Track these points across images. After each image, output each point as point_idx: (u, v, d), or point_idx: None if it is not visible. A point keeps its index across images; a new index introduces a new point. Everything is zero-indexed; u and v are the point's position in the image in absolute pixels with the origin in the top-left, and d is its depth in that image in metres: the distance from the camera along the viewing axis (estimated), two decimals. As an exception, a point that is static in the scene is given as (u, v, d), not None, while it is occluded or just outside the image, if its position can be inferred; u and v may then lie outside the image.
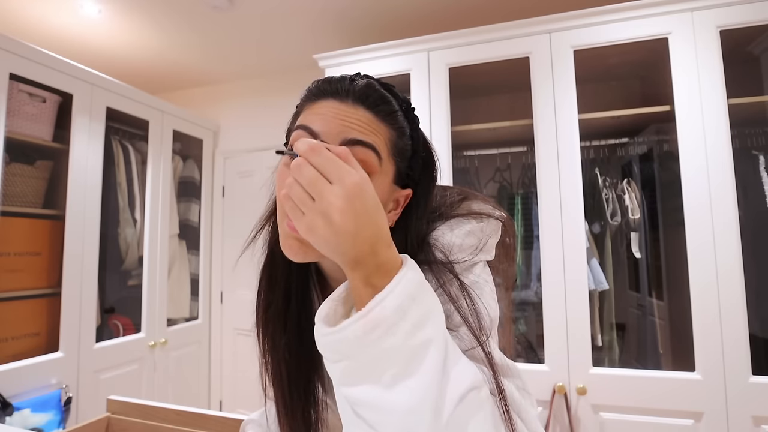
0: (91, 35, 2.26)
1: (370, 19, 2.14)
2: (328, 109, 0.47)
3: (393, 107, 0.50)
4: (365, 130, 0.47)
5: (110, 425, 0.90)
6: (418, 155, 0.53)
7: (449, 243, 0.50)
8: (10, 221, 1.73)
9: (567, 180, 1.58)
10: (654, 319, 1.77)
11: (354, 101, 0.48)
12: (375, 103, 0.48)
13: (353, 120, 0.46)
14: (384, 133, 0.48)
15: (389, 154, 0.49)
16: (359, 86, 0.48)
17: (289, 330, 0.55)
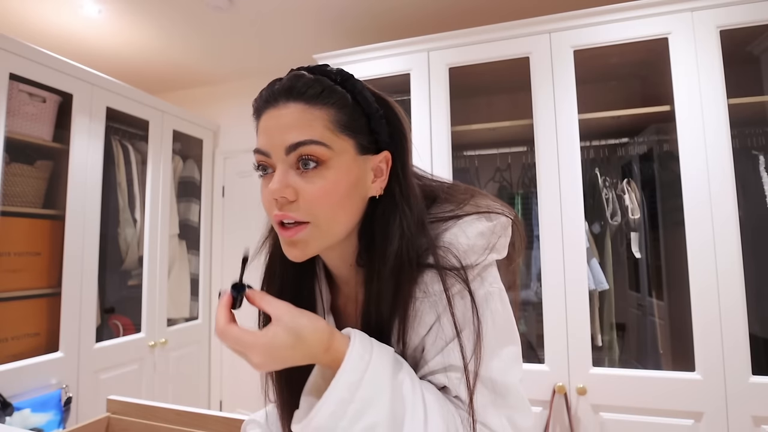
0: (91, 35, 2.26)
1: (369, 19, 2.14)
2: (267, 121, 0.49)
3: (321, 86, 0.49)
4: (299, 124, 0.47)
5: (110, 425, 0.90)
6: (375, 116, 0.52)
7: (464, 247, 0.50)
8: (10, 221, 1.73)
9: (567, 180, 1.58)
10: (654, 319, 1.77)
11: (284, 100, 0.48)
12: (301, 91, 0.48)
13: (287, 120, 0.47)
14: (322, 116, 0.48)
15: (337, 133, 0.48)
16: (284, 83, 0.49)
17: None
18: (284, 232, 0.49)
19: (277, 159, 0.48)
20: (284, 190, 0.47)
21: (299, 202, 0.47)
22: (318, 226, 0.49)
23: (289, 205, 0.48)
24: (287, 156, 0.47)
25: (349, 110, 0.50)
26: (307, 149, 0.47)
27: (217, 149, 2.89)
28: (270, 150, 0.48)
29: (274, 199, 0.48)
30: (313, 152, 0.47)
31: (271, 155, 0.49)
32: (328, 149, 0.48)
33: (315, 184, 0.47)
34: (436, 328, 0.51)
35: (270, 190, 0.47)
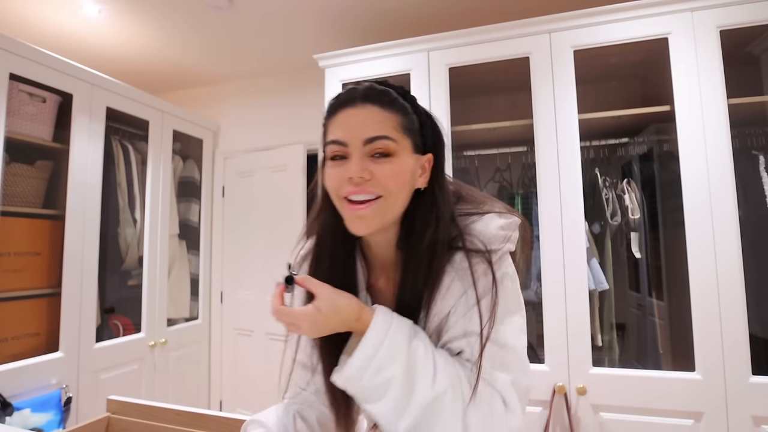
0: (91, 35, 2.27)
1: (370, 19, 2.14)
2: (345, 117, 0.61)
3: (392, 96, 0.62)
4: (376, 122, 0.59)
5: (110, 425, 0.90)
6: (426, 125, 0.65)
7: (488, 236, 0.62)
8: (10, 221, 1.73)
9: (567, 180, 1.58)
10: (654, 319, 1.77)
11: (362, 102, 0.60)
12: (378, 98, 0.61)
13: (366, 118, 0.59)
14: (392, 118, 0.60)
15: (401, 133, 0.61)
16: (362, 89, 0.61)
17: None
18: (354, 207, 0.59)
19: (354, 148, 0.59)
20: (363, 171, 0.58)
21: (373, 181, 0.58)
22: (386, 200, 0.59)
23: (364, 183, 0.58)
24: (364, 147, 0.59)
25: (409, 117, 0.62)
26: (381, 143, 0.59)
27: (217, 149, 2.89)
28: (348, 140, 0.59)
29: (350, 178, 0.58)
30: (385, 145, 0.59)
31: (348, 145, 0.59)
32: (396, 144, 0.59)
33: (386, 167, 0.59)
34: (463, 299, 0.62)
35: (350, 171, 0.58)
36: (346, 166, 0.59)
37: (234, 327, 2.69)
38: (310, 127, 2.65)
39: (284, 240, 2.49)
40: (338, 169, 0.60)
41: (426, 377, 0.56)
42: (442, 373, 0.57)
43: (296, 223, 2.45)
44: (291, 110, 2.74)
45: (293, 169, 2.50)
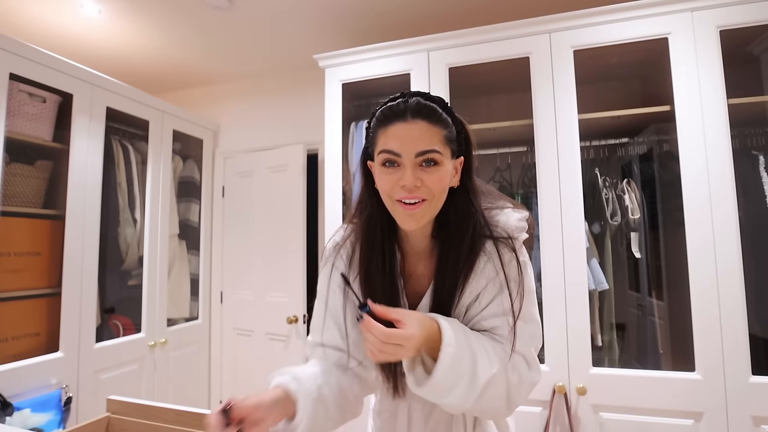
0: (91, 35, 2.27)
1: (370, 20, 2.14)
2: (398, 131, 0.69)
3: (438, 111, 0.70)
4: (427, 138, 0.68)
5: (110, 425, 0.90)
6: (461, 134, 0.74)
7: (511, 227, 0.75)
8: (10, 221, 1.73)
9: (567, 180, 1.58)
10: (654, 319, 1.77)
11: (412, 117, 0.68)
12: (427, 114, 0.69)
13: (418, 134, 0.68)
14: (438, 132, 0.69)
15: (445, 144, 0.70)
16: (412, 105, 0.69)
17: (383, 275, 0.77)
18: (407, 207, 0.69)
19: (407, 159, 0.68)
20: (416, 180, 0.68)
21: (423, 188, 0.68)
22: (431, 202, 0.70)
23: (416, 189, 0.68)
24: (416, 158, 0.68)
25: (450, 129, 0.71)
26: (431, 155, 0.68)
27: (217, 149, 2.89)
28: (402, 153, 0.68)
29: (403, 186, 0.68)
30: (433, 157, 0.68)
31: (402, 156, 0.68)
32: (441, 155, 0.68)
33: (433, 175, 0.68)
34: (493, 281, 0.73)
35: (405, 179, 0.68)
36: (400, 174, 0.68)
37: (234, 327, 2.69)
38: (310, 127, 2.64)
39: (284, 240, 2.49)
40: (392, 176, 0.69)
41: (484, 364, 0.67)
42: (493, 356, 0.68)
43: (296, 223, 2.45)
44: (291, 110, 2.74)
45: (293, 169, 2.50)
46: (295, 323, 2.40)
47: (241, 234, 2.71)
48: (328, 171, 1.95)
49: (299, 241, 2.43)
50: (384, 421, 0.87)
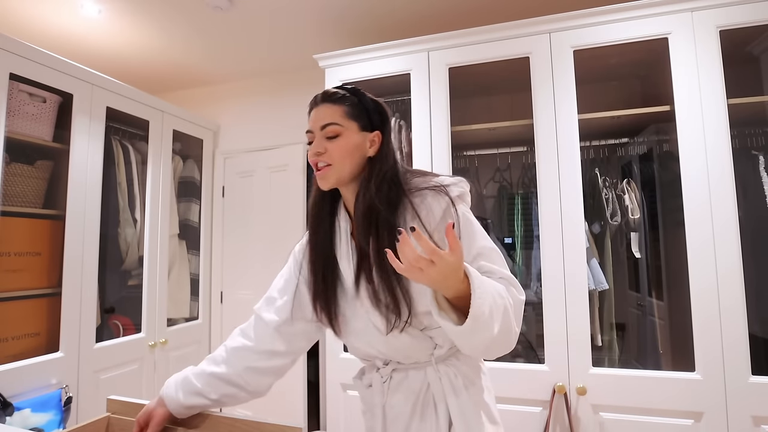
0: (91, 35, 2.27)
1: (370, 20, 2.14)
2: (313, 114, 0.87)
3: (340, 94, 0.86)
4: (328, 115, 0.84)
5: (110, 425, 0.90)
6: (372, 111, 0.87)
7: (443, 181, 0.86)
8: (10, 221, 1.73)
9: (567, 180, 1.58)
10: (654, 319, 1.77)
11: (322, 102, 0.86)
12: (330, 97, 0.85)
13: (322, 114, 0.85)
14: (339, 109, 0.84)
15: (347, 119, 0.84)
16: (321, 94, 0.87)
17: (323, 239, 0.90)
18: (318, 171, 0.84)
19: (316, 133, 0.85)
20: (319, 147, 0.83)
21: (326, 154, 0.83)
22: (335, 166, 0.83)
23: (321, 155, 0.83)
24: (321, 131, 0.84)
25: (354, 106, 0.86)
26: (330, 128, 0.83)
27: (217, 149, 2.89)
28: (312, 128, 0.85)
29: (312, 152, 0.84)
30: (333, 129, 0.83)
31: (313, 131, 0.85)
32: (341, 127, 0.83)
33: (335, 143, 0.83)
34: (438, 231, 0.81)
35: (314, 148, 0.84)
36: (313, 145, 0.85)
37: (234, 327, 2.68)
38: (310, 127, 2.64)
39: (284, 240, 2.49)
40: (311, 150, 0.85)
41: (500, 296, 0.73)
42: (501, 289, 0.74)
43: (296, 223, 2.45)
44: (291, 110, 2.74)
45: (293, 169, 2.50)
46: (295, 323, 2.40)
47: (241, 234, 2.71)
48: (328, 171, 1.95)
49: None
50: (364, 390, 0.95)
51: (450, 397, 0.84)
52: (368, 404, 0.93)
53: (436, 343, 0.86)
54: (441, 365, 0.86)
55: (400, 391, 0.87)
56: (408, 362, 0.87)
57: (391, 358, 0.88)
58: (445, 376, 0.85)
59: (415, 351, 0.85)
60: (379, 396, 0.89)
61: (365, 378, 0.94)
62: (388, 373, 0.89)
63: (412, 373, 0.87)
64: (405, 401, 0.86)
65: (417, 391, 0.86)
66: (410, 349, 0.85)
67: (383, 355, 0.88)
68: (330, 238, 0.90)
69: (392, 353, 0.87)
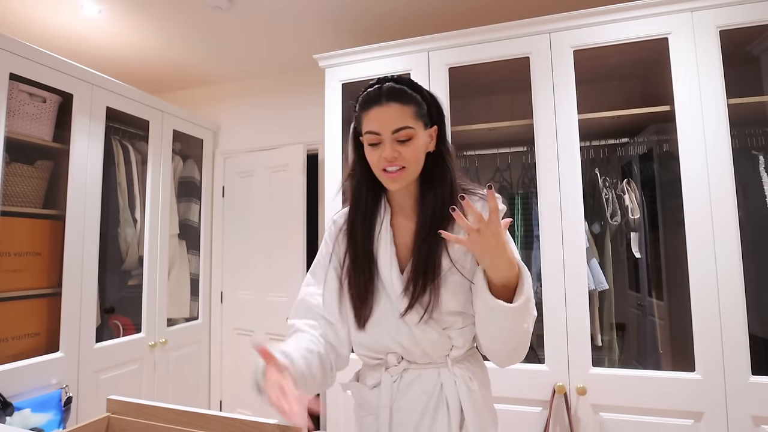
0: (91, 35, 2.27)
1: (370, 20, 2.14)
2: (376, 114, 0.82)
3: (407, 92, 0.82)
4: (399, 117, 0.81)
5: (110, 425, 0.90)
6: (431, 106, 0.86)
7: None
8: (10, 221, 1.73)
9: (567, 180, 1.58)
10: (654, 319, 1.77)
11: (386, 101, 0.81)
12: (398, 97, 0.81)
13: (392, 115, 0.81)
14: (409, 110, 0.82)
15: (417, 119, 0.83)
16: (386, 90, 0.82)
17: (362, 225, 0.90)
18: (390, 175, 0.83)
19: (385, 137, 0.81)
20: (394, 152, 0.81)
21: (400, 158, 0.81)
22: (408, 169, 0.83)
23: (395, 160, 0.81)
24: (392, 135, 0.81)
25: (420, 105, 0.84)
26: (404, 132, 0.81)
27: (217, 149, 2.89)
28: (381, 131, 0.81)
29: (385, 158, 0.81)
30: (406, 133, 0.81)
31: (381, 134, 0.81)
32: (413, 130, 0.82)
33: (408, 147, 0.82)
34: None
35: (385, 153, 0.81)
36: (382, 149, 0.82)
37: (234, 327, 2.69)
38: (310, 127, 2.65)
39: (284, 240, 2.49)
40: (376, 152, 0.83)
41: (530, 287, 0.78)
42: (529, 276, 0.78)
43: (296, 223, 2.45)
44: (291, 110, 2.74)
45: (293, 169, 2.50)
46: (295, 323, 2.40)
47: (241, 234, 2.71)
48: (328, 171, 1.95)
49: (299, 241, 2.43)
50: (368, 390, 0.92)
51: (465, 398, 0.84)
52: (372, 406, 0.90)
53: (453, 344, 0.86)
54: (455, 367, 0.86)
55: (412, 391, 0.86)
56: (423, 361, 0.87)
57: (406, 356, 0.87)
58: (460, 378, 0.85)
59: (435, 348, 0.85)
60: (388, 396, 0.87)
61: (369, 378, 0.92)
62: (399, 373, 0.87)
63: (425, 374, 0.86)
64: (416, 402, 0.85)
65: (430, 391, 0.85)
66: (431, 346, 0.85)
67: (401, 350, 0.86)
68: (371, 226, 0.90)
69: (412, 347, 0.85)
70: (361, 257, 0.88)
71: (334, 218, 0.98)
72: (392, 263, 0.87)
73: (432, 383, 0.85)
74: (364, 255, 0.88)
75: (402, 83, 0.83)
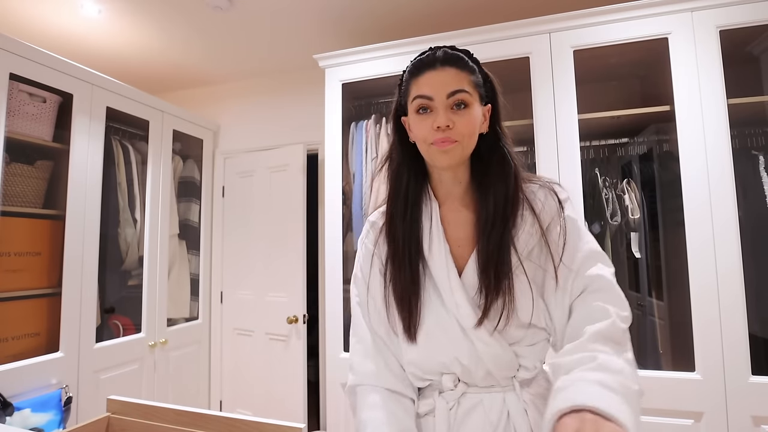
0: (91, 35, 2.27)
1: (370, 20, 2.14)
2: (429, 78, 0.72)
3: (465, 60, 0.74)
4: (456, 81, 0.71)
5: (110, 425, 0.90)
6: (487, 82, 0.77)
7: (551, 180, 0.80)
8: (10, 221, 1.73)
9: (567, 180, 1.58)
10: (654, 319, 1.77)
11: (441, 65, 0.72)
12: (455, 61, 0.73)
13: (447, 78, 0.71)
14: (466, 77, 0.72)
15: (474, 88, 0.73)
16: (440, 55, 0.73)
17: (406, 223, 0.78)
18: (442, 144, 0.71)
19: (438, 102, 0.71)
20: (448, 121, 0.70)
21: (454, 130, 0.70)
22: (461, 143, 0.71)
23: (449, 130, 0.70)
24: (447, 99, 0.70)
25: (477, 75, 0.74)
26: (461, 95, 0.71)
27: (217, 149, 2.89)
28: (434, 95, 0.71)
29: (438, 126, 0.70)
30: (463, 98, 0.71)
31: (434, 99, 0.71)
32: (470, 96, 0.71)
33: (464, 117, 0.71)
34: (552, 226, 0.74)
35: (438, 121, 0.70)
36: (433, 117, 0.71)
37: (234, 327, 2.69)
38: (310, 127, 2.65)
39: (284, 240, 2.49)
40: (427, 121, 0.72)
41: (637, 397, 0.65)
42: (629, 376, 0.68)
43: (296, 223, 2.45)
44: (291, 110, 2.74)
45: (293, 169, 2.50)
46: (295, 323, 2.40)
47: (241, 234, 2.71)
48: (328, 171, 1.95)
49: (299, 241, 2.43)
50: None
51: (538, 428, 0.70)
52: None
53: (520, 363, 0.73)
54: (525, 391, 0.73)
55: (472, 420, 0.72)
56: (484, 384, 0.73)
57: (465, 377, 0.74)
58: (531, 407, 0.72)
59: (499, 367, 0.72)
60: (444, 426, 0.73)
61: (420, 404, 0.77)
62: (456, 399, 0.74)
63: (487, 399, 0.73)
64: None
65: (495, 422, 0.71)
66: (495, 362, 0.71)
67: (460, 369, 0.73)
68: (414, 219, 0.78)
69: (473, 364, 0.72)
70: (402, 255, 0.76)
71: (372, 219, 0.85)
72: (448, 263, 0.74)
73: (497, 411, 0.72)
74: (408, 252, 0.75)
75: (460, 50, 0.75)
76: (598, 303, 0.68)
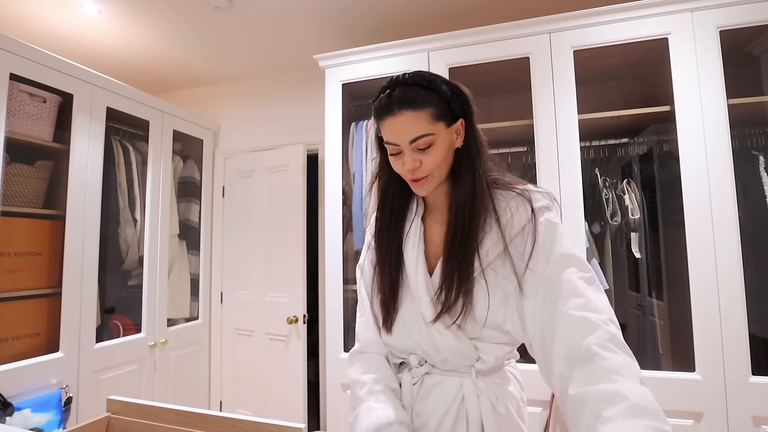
0: (91, 35, 2.27)
1: (370, 20, 2.15)
2: (390, 125, 0.76)
3: (420, 95, 0.74)
4: (414, 126, 0.74)
5: (110, 425, 0.90)
6: (453, 99, 0.77)
7: (530, 188, 0.81)
8: (10, 221, 1.73)
9: (567, 180, 1.58)
10: (654, 319, 1.77)
11: (398, 109, 0.74)
12: (410, 103, 0.74)
13: (406, 125, 0.74)
14: (425, 116, 0.74)
15: (435, 121, 0.75)
16: (396, 99, 0.74)
17: (391, 229, 0.87)
18: (415, 183, 0.79)
19: (404, 147, 0.76)
20: (415, 162, 0.76)
21: (422, 167, 0.76)
22: (433, 176, 0.78)
23: (418, 170, 0.77)
24: (410, 144, 0.75)
25: (438, 105, 0.75)
26: (421, 141, 0.74)
27: (217, 149, 2.89)
28: (398, 142, 0.76)
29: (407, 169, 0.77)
30: (424, 142, 0.74)
31: (399, 144, 0.76)
32: (432, 135, 0.74)
33: (430, 155, 0.76)
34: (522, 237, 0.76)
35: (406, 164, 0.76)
36: (403, 160, 0.77)
37: (234, 327, 2.69)
38: (310, 127, 2.65)
39: (284, 240, 2.49)
40: (398, 161, 0.79)
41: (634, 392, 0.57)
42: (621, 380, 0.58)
43: (296, 223, 2.45)
44: (291, 110, 2.74)
45: (293, 169, 2.50)
46: (296, 323, 2.40)
47: (241, 234, 2.71)
48: (328, 171, 1.95)
49: (299, 241, 2.43)
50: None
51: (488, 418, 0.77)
52: None
53: (480, 356, 0.79)
54: (480, 380, 0.80)
55: (431, 397, 0.81)
56: (444, 368, 0.82)
57: (428, 358, 0.82)
58: (485, 395, 0.79)
59: (456, 356, 0.79)
60: (408, 398, 0.83)
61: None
62: (420, 376, 0.83)
63: (446, 380, 0.81)
64: (434, 410, 0.80)
65: (450, 401, 0.80)
66: (451, 352, 0.79)
67: (422, 352, 0.82)
68: (399, 225, 0.87)
69: (431, 351, 0.80)
70: (384, 263, 0.85)
71: (378, 215, 0.92)
72: (419, 262, 0.81)
73: (452, 393, 0.80)
74: (390, 254, 0.85)
75: (416, 82, 0.75)
76: (576, 313, 0.65)
